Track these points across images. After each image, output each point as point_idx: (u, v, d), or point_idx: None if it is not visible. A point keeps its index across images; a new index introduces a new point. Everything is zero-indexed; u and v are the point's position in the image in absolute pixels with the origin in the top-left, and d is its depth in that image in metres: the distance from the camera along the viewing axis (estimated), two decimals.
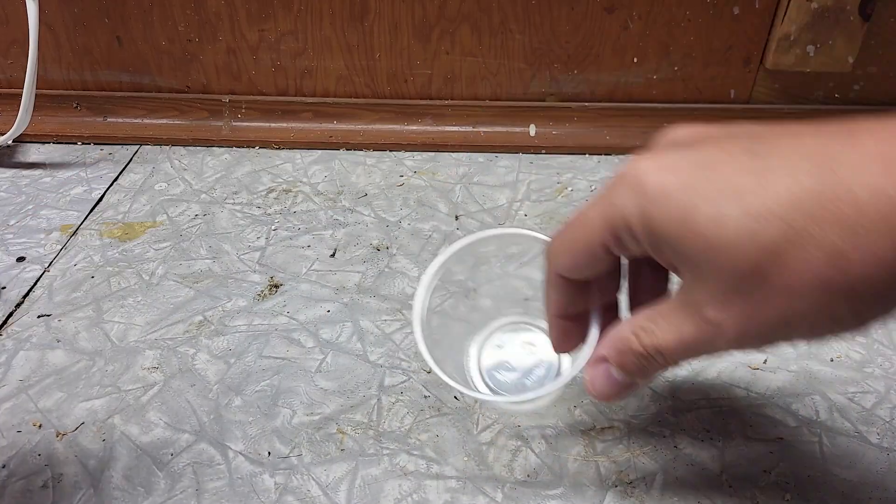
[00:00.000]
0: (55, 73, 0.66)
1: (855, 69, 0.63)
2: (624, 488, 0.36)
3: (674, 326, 0.26)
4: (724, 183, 0.23)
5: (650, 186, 0.24)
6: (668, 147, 0.26)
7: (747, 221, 0.22)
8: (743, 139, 0.24)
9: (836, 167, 0.21)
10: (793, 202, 0.21)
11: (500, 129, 0.66)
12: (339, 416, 0.40)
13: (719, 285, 0.24)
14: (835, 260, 0.21)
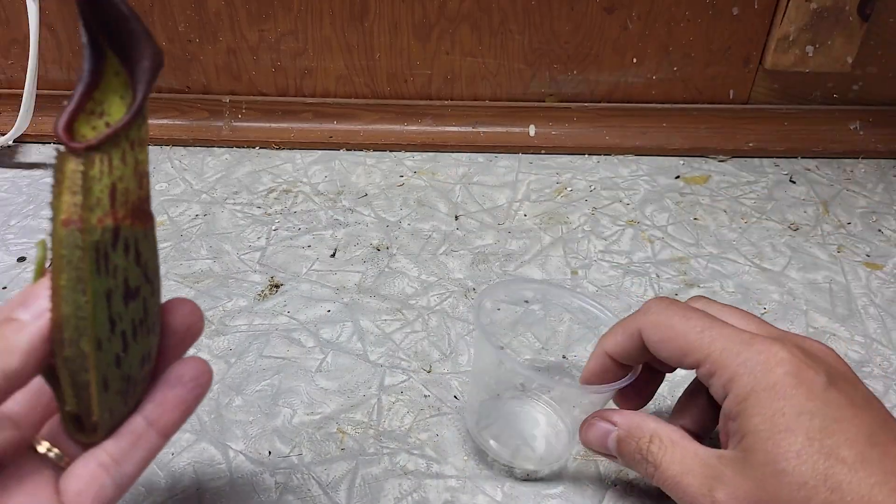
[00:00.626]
0: (56, 73, 0.66)
1: (854, 69, 0.63)
2: (623, 487, 0.36)
3: (683, 468, 0.29)
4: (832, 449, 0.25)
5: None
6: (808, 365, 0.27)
7: (820, 486, 0.25)
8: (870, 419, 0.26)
9: None
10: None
11: (500, 130, 0.66)
12: (340, 416, 0.40)
13: (763, 494, 0.26)
14: None
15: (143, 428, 0.27)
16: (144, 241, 0.25)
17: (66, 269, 0.23)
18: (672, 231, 0.56)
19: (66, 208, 0.23)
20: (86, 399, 0.25)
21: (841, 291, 0.50)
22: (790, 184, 0.62)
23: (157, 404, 0.27)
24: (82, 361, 0.24)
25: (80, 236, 0.23)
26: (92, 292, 0.24)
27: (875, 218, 0.58)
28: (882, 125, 0.66)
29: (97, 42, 0.24)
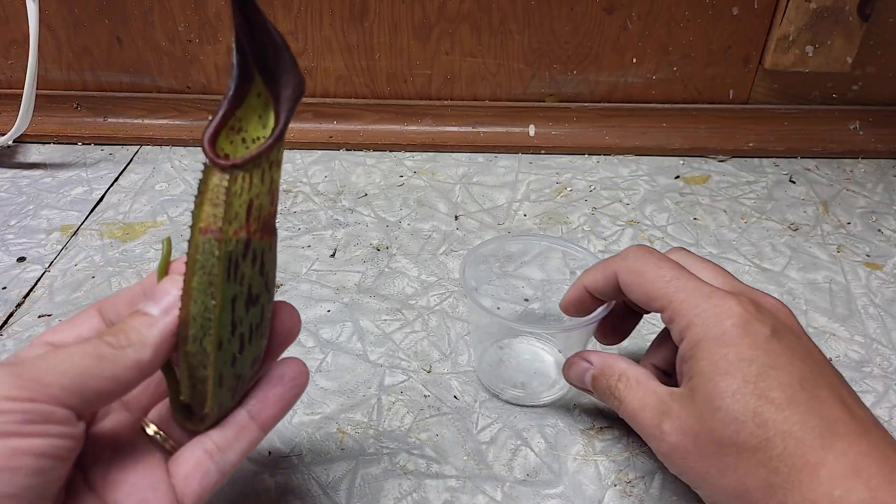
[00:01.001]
0: (55, 73, 0.66)
1: (853, 69, 0.63)
2: (623, 487, 0.36)
3: (641, 404, 0.32)
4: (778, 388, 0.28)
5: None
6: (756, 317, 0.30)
7: (772, 414, 0.28)
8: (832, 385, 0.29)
9: None
10: None
11: (500, 130, 0.66)
12: (339, 416, 0.40)
13: (701, 428, 0.29)
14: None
15: (247, 421, 0.29)
16: (269, 253, 0.28)
17: (199, 272, 0.26)
18: (672, 231, 0.56)
19: (206, 217, 0.25)
20: (201, 392, 0.27)
21: (841, 291, 0.50)
22: (790, 184, 0.62)
23: (259, 400, 0.29)
24: (203, 358, 0.27)
25: (217, 245, 0.25)
26: (221, 296, 0.26)
27: (875, 218, 0.58)
28: (882, 125, 0.66)
29: (247, 65, 0.26)
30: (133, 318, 0.26)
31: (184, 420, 0.29)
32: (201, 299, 0.26)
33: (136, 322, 0.26)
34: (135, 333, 0.25)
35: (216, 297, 0.26)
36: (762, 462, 0.27)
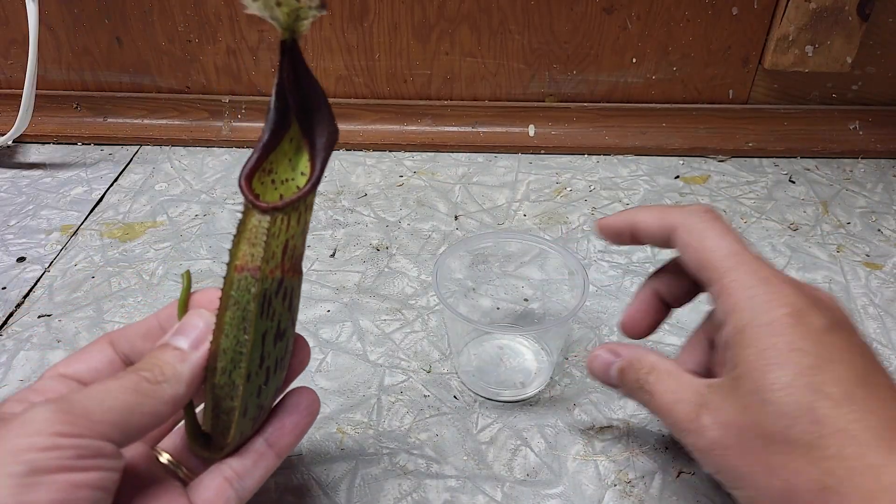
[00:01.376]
0: (55, 73, 0.66)
1: (853, 69, 0.63)
2: (623, 487, 0.36)
3: (675, 397, 0.30)
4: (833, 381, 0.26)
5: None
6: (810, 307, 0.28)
7: (825, 409, 0.25)
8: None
9: None
10: None
11: (500, 130, 0.66)
12: (339, 416, 0.40)
13: (746, 421, 0.27)
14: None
15: (264, 448, 0.30)
16: (297, 290, 0.29)
17: (233, 307, 0.27)
18: None
19: (243, 256, 0.26)
20: (224, 422, 0.28)
21: (840, 291, 0.50)
22: (790, 184, 0.62)
23: (276, 428, 0.30)
24: (231, 390, 0.27)
25: (254, 283, 0.26)
26: (254, 332, 0.27)
27: (874, 218, 0.58)
28: (881, 125, 0.66)
29: (287, 112, 0.27)
30: (164, 353, 0.27)
31: (201, 449, 0.29)
32: (234, 333, 0.27)
33: (168, 357, 0.26)
34: (169, 368, 0.26)
35: (249, 333, 0.27)
36: (814, 461, 0.25)
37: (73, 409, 0.23)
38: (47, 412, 0.23)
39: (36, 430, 0.22)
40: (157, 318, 0.30)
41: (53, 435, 0.22)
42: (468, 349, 0.44)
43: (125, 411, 0.24)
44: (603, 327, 0.46)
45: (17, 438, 0.22)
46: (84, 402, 0.24)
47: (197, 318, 0.28)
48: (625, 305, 0.48)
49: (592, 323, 0.47)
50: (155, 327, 0.30)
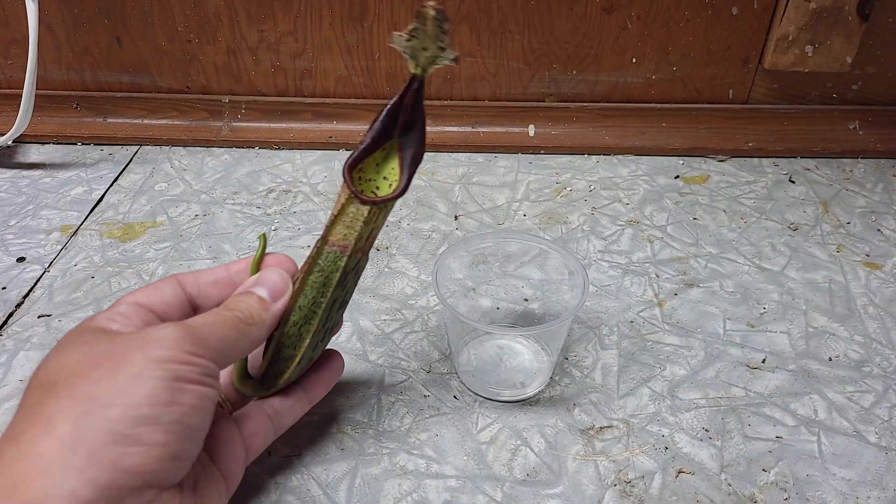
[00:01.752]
0: (55, 73, 0.66)
1: (853, 69, 0.63)
2: (623, 487, 0.36)
3: None
4: None
5: None
6: None
7: None
8: None
9: None
10: None
11: (500, 130, 0.66)
12: (339, 416, 0.40)
13: None
14: None
15: (301, 394, 0.35)
16: (362, 271, 0.34)
17: (317, 273, 0.32)
18: (671, 231, 0.56)
19: (336, 234, 0.32)
20: (281, 368, 0.33)
21: (840, 291, 0.50)
22: (790, 184, 0.62)
23: (313, 381, 0.36)
24: (296, 341, 0.33)
25: (342, 258, 0.32)
26: (330, 297, 0.33)
27: (874, 217, 0.58)
28: (881, 125, 0.66)
29: (394, 128, 0.32)
30: (250, 299, 0.31)
31: (247, 388, 0.34)
32: (312, 295, 0.32)
33: (255, 304, 0.31)
34: (257, 314, 0.30)
35: (326, 297, 0.32)
36: None
37: (196, 335, 0.27)
38: (178, 332, 0.27)
39: (172, 345, 0.26)
40: (227, 270, 0.33)
41: (187, 353, 0.26)
42: (468, 349, 0.44)
43: (228, 344, 0.29)
44: (603, 327, 0.46)
45: (159, 350, 0.26)
46: (201, 331, 0.28)
47: (276, 276, 0.32)
48: (624, 304, 0.48)
49: (592, 323, 0.47)
50: (225, 277, 0.33)
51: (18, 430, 0.24)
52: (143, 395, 0.25)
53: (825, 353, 0.45)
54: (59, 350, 0.27)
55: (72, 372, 0.25)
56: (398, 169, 0.33)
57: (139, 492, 0.24)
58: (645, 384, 0.42)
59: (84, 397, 0.24)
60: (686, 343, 0.45)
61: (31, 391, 0.26)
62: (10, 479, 0.23)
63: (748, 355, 0.44)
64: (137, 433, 0.24)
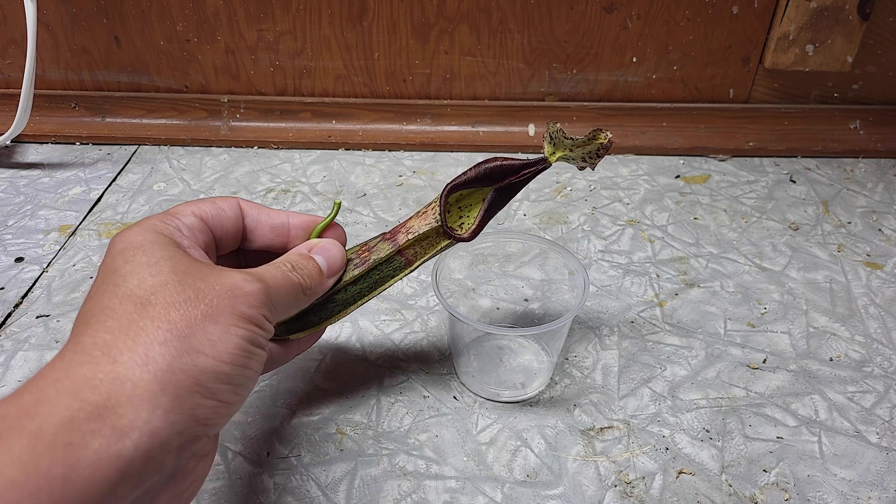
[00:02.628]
0: (53, 73, 0.66)
1: (854, 69, 0.63)
2: (623, 488, 0.36)
3: None
4: None
5: None
6: None
7: None
8: None
9: None
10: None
11: (499, 129, 0.66)
12: (339, 417, 0.40)
13: None
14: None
15: (294, 346, 0.36)
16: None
17: (376, 273, 0.35)
18: (672, 231, 0.56)
19: (410, 250, 0.35)
20: (298, 328, 0.35)
21: (841, 291, 0.50)
22: (790, 183, 0.62)
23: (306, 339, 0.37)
24: (326, 315, 0.35)
25: (403, 269, 0.35)
26: (374, 294, 0.36)
27: (875, 217, 0.57)
28: (882, 124, 0.66)
29: (495, 181, 0.34)
30: (311, 266, 0.32)
31: (280, 333, 0.35)
32: (360, 288, 0.35)
33: (315, 273, 0.32)
34: (316, 285, 0.32)
35: (373, 293, 0.35)
36: None
37: (271, 297, 0.28)
38: (261, 292, 0.28)
39: (255, 304, 0.27)
40: (289, 219, 0.34)
41: (264, 316, 0.27)
42: (468, 350, 0.44)
43: (286, 308, 0.30)
44: (603, 327, 0.46)
45: (245, 308, 0.27)
46: (274, 293, 0.29)
47: (337, 252, 0.33)
48: (624, 304, 0.48)
49: (592, 323, 0.47)
50: (284, 225, 0.34)
51: (111, 341, 0.24)
52: (228, 353, 0.25)
53: (826, 354, 0.44)
54: (140, 251, 0.27)
55: (168, 299, 0.25)
56: (475, 213, 0.35)
57: (198, 439, 0.25)
58: (645, 384, 0.42)
59: (180, 335, 0.24)
60: (687, 343, 0.45)
61: (122, 299, 0.25)
62: (102, 398, 0.22)
63: (749, 355, 0.44)
64: (216, 389, 0.25)
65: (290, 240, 0.34)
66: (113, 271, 0.27)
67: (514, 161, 0.34)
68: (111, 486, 0.22)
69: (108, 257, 0.28)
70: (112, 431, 0.22)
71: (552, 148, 0.34)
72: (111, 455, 0.22)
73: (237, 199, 0.33)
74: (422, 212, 0.35)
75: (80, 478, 0.21)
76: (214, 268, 0.28)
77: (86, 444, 0.21)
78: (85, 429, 0.21)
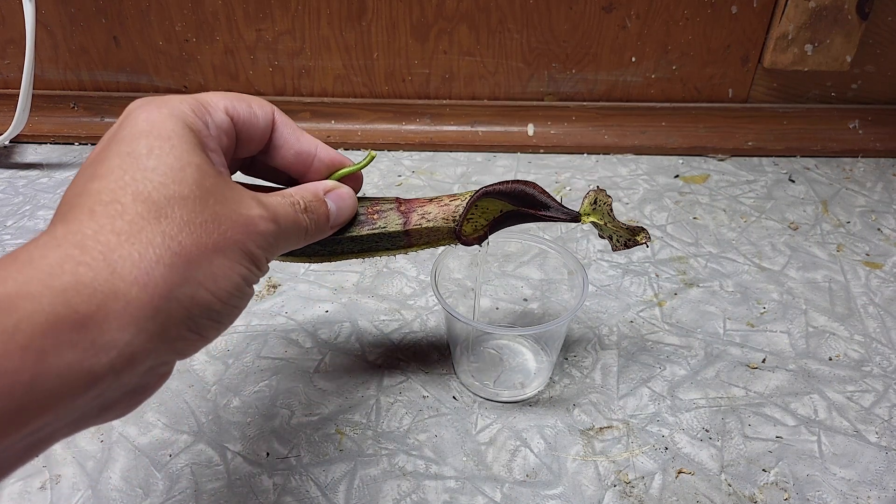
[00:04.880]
0: (52, 73, 0.66)
1: (852, 68, 0.63)
2: (623, 488, 0.36)
3: None
4: None
5: None
6: None
7: None
8: None
9: None
10: None
11: (499, 129, 0.66)
12: (338, 417, 0.40)
13: None
14: None
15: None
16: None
17: (383, 226, 0.35)
18: (671, 230, 0.56)
19: (416, 234, 0.34)
20: (290, 256, 0.35)
21: (840, 290, 0.50)
22: (789, 183, 0.62)
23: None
24: (326, 255, 0.35)
25: (401, 241, 0.35)
26: (373, 250, 0.35)
27: (874, 217, 0.58)
28: (881, 124, 0.66)
29: (522, 203, 0.34)
30: (322, 210, 0.31)
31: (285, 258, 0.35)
32: (356, 247, 0.35)
33: (323, 218, 0.31)
34: (319, 231, 0.31)
35: (361, 253, 0.35)
36: None
37: (279, 239, 0.27)
38: (273, 233, 0.27)
39: (262, 245, 0.26)
40: (317, 150, 0.32)
41: (265, 258, 0.27)
42: (467, 350, 0.44)
43: (284, 247, 0.29)
44: (602, 327, 0.46)
45: (252, 247, 0.26)
46: (281, 235, 0.28)
47: (350, 204, 0.33)
48: (624, 304, 0.48)
49: (592, 323, 0.47)
50: (310, 156, 0.32)
51: (115, 245, 0.22)
52: (225, 291, 0.24)
53: (825, 353, 0.44)
54: (169, 145, 0.24)
55: (185, 217, 0.23)
56: (485, 220, 0.35)
57: (166, 364, 0.25)
58: (645, 384, 0.42)
59: (186, 262, 0.23)
60: (686, 343, 0.45)
61: (136, 198, 0.23)
62: (91, 309, 0.21)
63: (748, 355, 0.44)
64: (203, 324, 0.24)
65: (309, 171, 0.32)
66: (132, 157, 0.24)
67: (548, 199, 0.34)
68: (73, 397, 0.21)
69: (127, 131, 0.25)
70: (90, 346, 0.20)
71: (591, 209, 0.34)
72: (83, 369, 0.20)
73: (273, 109, 0.31)
74: (443, 201, 0.35)
75: (44, 387, 0.20)
76: (233, 190, 0.26)
77: (60, 354, 0.20)
78: (63, 338, 0.20)
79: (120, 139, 0.25)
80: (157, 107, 0.26)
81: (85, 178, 0.24)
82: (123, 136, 0.25)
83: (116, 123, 0.26)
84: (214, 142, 0.27)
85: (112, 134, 0.26)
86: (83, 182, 0.24)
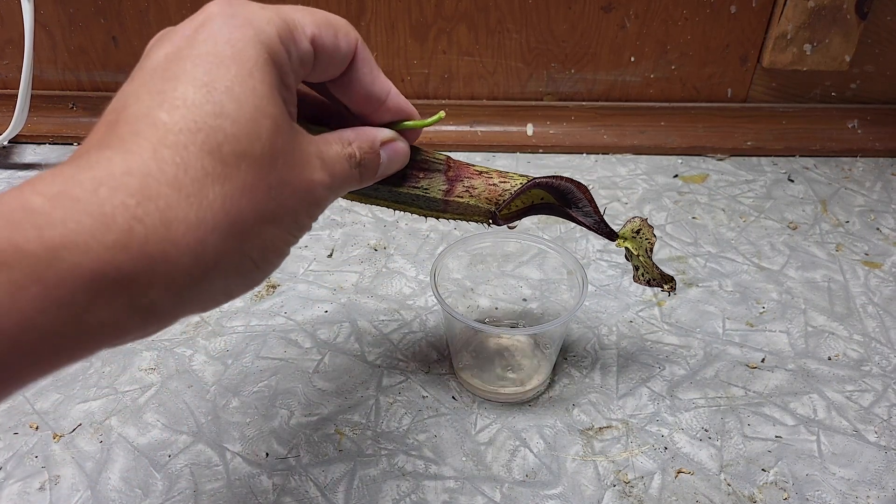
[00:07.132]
0: (51, 73, 0.66)
1: (852, 68, 0.63)
2: (622, 488, 0.36)
3: None
4: None
5: None
6: None
7: None
8: None
9: None
10: None
11: (498, 129, 0.66)
12: (337, 417, 0.40)
13: None
14: None
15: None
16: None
17: (425, 187, 0.33)
18: (671, 230, 0.56)
19: (456, 201, 0.33)
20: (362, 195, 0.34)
21: (839, 290, 0.50)
22: (788, 182, 0.62)
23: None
24: (357, 196, 0.33)
25: (437, 200, 0.33)
26: (407, 206, 0.33)
27: (873, 216, 0.58)
28: (880, 123, 0.66)
29: (562, 201, 0.34)
30: (374, 164, 0.29)
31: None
32: (409, 201, 0.33)
33: (371, 171, 0.29)
34: (363, 180, 0.29)
35: (396, 206, 0.34)
36: None
37: (335, 192, 0.27)
38: (325, 202, 0.26)
39: (314, 213, 0.26)
40: (388, 97, 0.29)
41: (310, 225, 0.26)
42: (466, 350, 0.44)
43: (343, 186, 0.27)
44: (602, 327, 0.46)
45: (305, 217, 0.25)
46: (338, 186, 0.27)
47: (402, 161, 0.31)
48: (623, 304, 0.48)
49: (591, 323, 0.47)
50: (379, 101, 0.29)
51: (175, 202, 0.20)
52: (269, 260, 0.24)
53: (824, 353, 0.44)
54: (250, 81, 0.22)
55: (250, 179, 0.22)
56: (523, 206, 0.34)
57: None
58: (644, 384, 0.42)
59: (238, 233, 0.22)
60: (685, 343, 0.45)
61: (212, 149, 0.21)
62: (136, 272, 0.19)
63: (747, 355, 0.44)
64: (238, 289, 0.24)
65: (373, 114, 0.30)
66: (209, 92, 0.21)
67: (592, 207, 0.34)
68: (95, 348, 0.20)
69: (206, 49, 0.22)
70: (126, 306, 0.19)
71: (631, 235, 0.35)
72: (113, 326, 0.19)
73: (356, 40, 0.27)
74: (492, 179, 0.33)
75: (70, 343, 0.19)
76: (300, 147, 0.24)
77: (94, 312, 0.19)
78: (101, 296, 0.19)
79: (197, 57, 0.22)
80: (240, 25, 0.22)
81: (153, 91, 0.22)
82: (201, 53, 0.22)
83: (190, 26, 0.23)
84: (293, 78, 0.25)
85: (187, 41, 0.22)
86: (149, 96, 0.22)
